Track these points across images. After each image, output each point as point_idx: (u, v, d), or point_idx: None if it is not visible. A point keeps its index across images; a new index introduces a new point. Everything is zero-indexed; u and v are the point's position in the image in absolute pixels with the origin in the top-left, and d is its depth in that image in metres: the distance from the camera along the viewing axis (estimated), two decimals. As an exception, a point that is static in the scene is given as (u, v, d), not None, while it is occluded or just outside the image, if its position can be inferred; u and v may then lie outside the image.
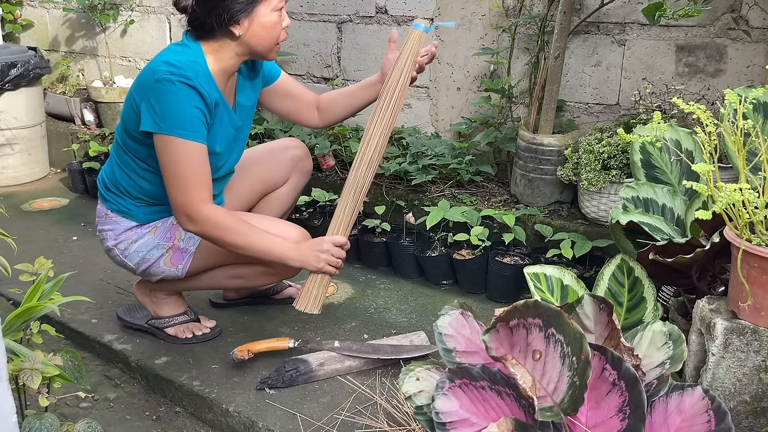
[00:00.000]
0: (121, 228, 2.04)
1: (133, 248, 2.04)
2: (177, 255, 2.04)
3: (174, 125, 1.81)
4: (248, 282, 2.16)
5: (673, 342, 1.44)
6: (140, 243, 2.04)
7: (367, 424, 1.77)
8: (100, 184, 2.09)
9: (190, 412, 1.98)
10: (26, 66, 3.69)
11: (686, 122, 2.40)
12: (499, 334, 1.34)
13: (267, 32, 1.88)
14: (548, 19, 2.78)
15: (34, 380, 1.41)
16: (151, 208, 2.03)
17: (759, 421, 1.42)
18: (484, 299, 2.53)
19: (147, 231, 2.04)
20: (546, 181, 2.72)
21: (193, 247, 2.04)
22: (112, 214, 2.04)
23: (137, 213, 2.03)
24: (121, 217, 2.03)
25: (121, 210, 2.03)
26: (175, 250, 2.04)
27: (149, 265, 2.05)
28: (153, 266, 2.05)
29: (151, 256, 2.04)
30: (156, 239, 2.03)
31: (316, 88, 3.54)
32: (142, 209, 2.02)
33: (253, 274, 2.10)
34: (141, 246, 2.04)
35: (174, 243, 2.04)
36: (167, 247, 2.04)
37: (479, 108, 3.07)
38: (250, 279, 2.13)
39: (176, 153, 1.83)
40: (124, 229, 2.04)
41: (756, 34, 2.47)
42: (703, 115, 1.44)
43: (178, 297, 2.23)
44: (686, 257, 1.59)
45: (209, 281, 2.16)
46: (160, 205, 2.02)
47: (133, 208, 2.02)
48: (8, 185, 3.78)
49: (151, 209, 2.03)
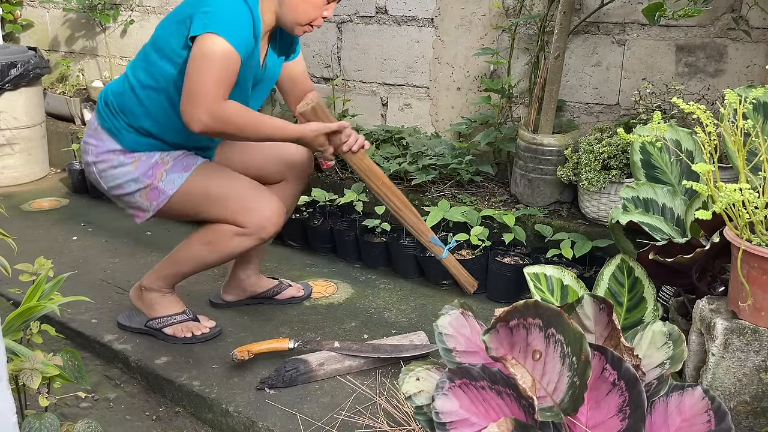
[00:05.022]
0: (104, 147, 2.04)
1: (111, 173, 2.05)
2: (154, 193, 2.05)
3: (222, 27, 1.84)
4: (220, 249, 2.09)
5: (673, 342, 1.44)
6: (119, 171, 2.04)
7: (367, 424, 1.77)
8: (101, 98, 2.10)
9: (190, 412, 1.98)
10: (26, 66, 3.69)
11: (686, 122, 2.40)
12: (499, 334, 1.34)
13: (306, 6, 1.95)
14: (548, 19, 2.78)
15: (34, 380, 1.41)
16: (140, 138, 2.03)
17: (759, 421, 1.42)
18: (484, 299, 2.53)
19: (129, 162, 2.03)
20: (546, 181, 2.72)
21: (171, 191, 2.04)
22: (101, 130, 2.05)
23: (126, 138, 2.03)
24: (108, 136, 2.04)
25: (111, 129, 2.03)
26: (152, 188, 2.04)
27: (123, 193, 2.06)
28: (127, 196, 2.07)
29: (128, 187, 2.05)
30: (136, 173, 2.03)
31: (316, 88, 3.53)
32: (131, 135, 2.03)
33: (224, 236, 2.07)
34: (119, 174, 2.04)
35: (153, 182, 2.04)
36: (146, 184, 2.04)
37: (479, 108, 3.07)
38: (221, 244, 2.08)
39: (213, 50, 1.83)
40: (107, 150, 2.04)
41: (756, 34, 2.47)
42: (703, 115, 1.44)
43: (173, 296, 2.22)
44: (686, 257, 1.59)
45: (185, 254, 2.14)
46: (150, 137, 2.03)
47: (123, 132, 2.03)
48: (8, 185, 3.78)
49: (141, 139, 2.03)
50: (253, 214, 2.04)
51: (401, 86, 3.31)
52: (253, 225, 2.04)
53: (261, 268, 2.48)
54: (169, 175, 2.04)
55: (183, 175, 2.05)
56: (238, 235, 2.07)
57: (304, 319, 2.35)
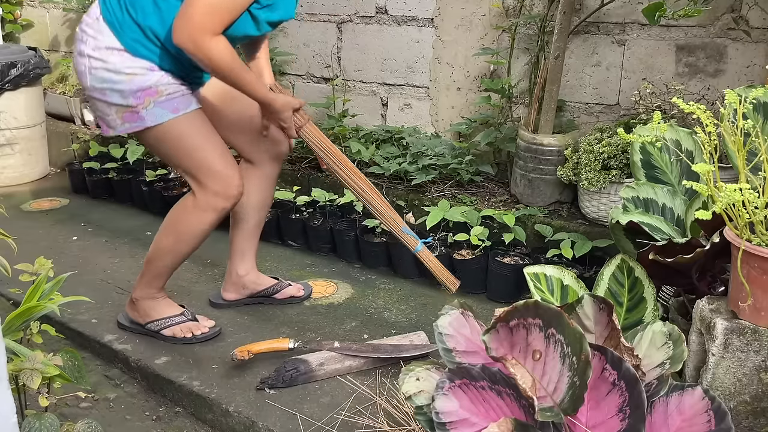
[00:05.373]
0: (103, 43, 1.95)
1: (101, 74, 1.95)
2: (132, 116, 1.98)
3: None
4: (184, 230, 2.09)
5: (673, 342, 1.44)
6: (111, 76, 1.95)
7: (367, 424, 1.77)
8: None
9: (190, 412, 1.98)
10: (26, 66, 3.69)
11: (686, 122, 2.40)
12: (499, 334, 1.34)
13: None
14: (548, 19, 2.78)
15: (34, 380, 1.41)
16: (143, 40, 1.94)
17: (759, 421, 1.42)
18: (484, 299, 2.53)
19: (125, 73, 1.94)
20: (546, 181, 2.72)
21: (150, 123, 1.97)
22: (102, 23, 1.95)
23: (127, 35, 1.93)
24: (109, 31, 1.94)
25: (114, 23, 1.94)
26: (133, 111, 1.97)
27: (101, 99, 1.98)
28: (103, 104, 1.99)
29: (110, 97, 1.96)
30: (126, 87, 1.94)
31: (316, 88, 3.54)
32: (135, 34, 1.93)
33: (182, 213, 2.08)
34: (109, 79, 1.95)
35: (137, 107, 1.96)
36: (128, 104, 1.96)
37: (479, 108, 3.07)
38: (183, 224, 2.07)
39: None
40: (106, 47, 1.94)
41: (756, 34, 2.47)
42: (703, 115, 1.44)
43: (165, 299, 2.23)
44: (686, 257, 1.59)
45: (156, 251, 2.14)
46: (152, 43, 1.94)
47: (126, 29, 1.93)
48: (8, 185, 3.78)
49: (143, 41, 1.94)
50: (216, 176, 2.02)
51: (401, 86, 3.31)
52: (212, 186, 2.02)
53: (262, 269, 2.48)
54: (156, 108, 1.96)
55: (169, 115, 1.98)
56: (195, 207, 2.05)
57: (304, 319, 2.35)
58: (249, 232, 2.35)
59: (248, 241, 2.36)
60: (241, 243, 2.36)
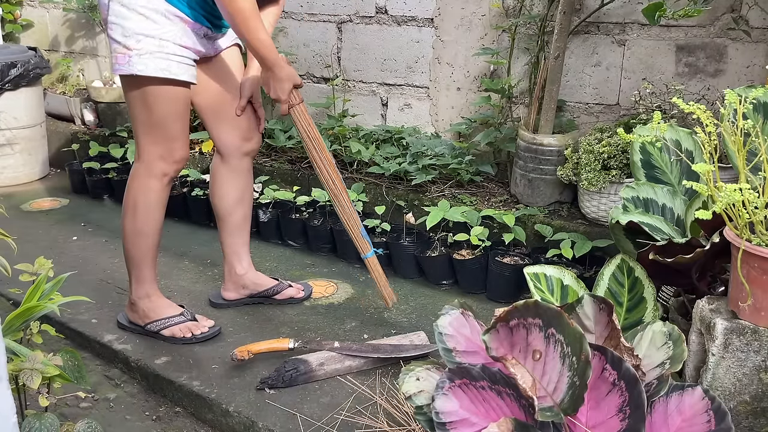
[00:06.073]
0: None
1: (118, 8, 1.94)
2: (122, 58, 1.97)
3: None
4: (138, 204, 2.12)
5: (673, 342, 1.44)
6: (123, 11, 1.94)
7: (367, 424, 1.77)
8: None
9: (190, 412, 1.98)
10: (26, 66, 3.69)
11: (686, 122, 2.40)
12: (499, 334, 1.35)
13: None
14: (548, 19, 2.78)
15: (34, 380, 1.41)
16: None
17: (759, 421, 1.42)
18: (484, 299, 2.53)
19: (138, 12, 1.93)
20: (546, 181, 2.72)
21: (132, 71, 1.95)
22: None
23: None
24: None
25: None
26: (124, 53, 1.96)
27: (110, 33, 1.97)
28: (110, 39, 1.99)
29: (114, 31, 1.96)
30: (131, 25, 1.93)
31: (316, 88, 3.54)
32: None
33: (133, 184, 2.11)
34: (120, 14, 1.94)
35: (131, 49, 1.94)
36: (124, 44, 1.95)
37: (479, 108, 3.07)
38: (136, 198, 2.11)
39: None
40: None
41: (756, 34, 2.47)
42: (703, 115, 1.44)
43: (161, 299, 2.23)
44: (686, 257, 1.59)
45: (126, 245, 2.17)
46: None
47: None
48: (8, 185, 3.78)
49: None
50: (167, 141, 2.06)
51: (401, 86, 3.31)
52: (157, 150, 2.06)
53: (262, 269, 2.49)
54: (149, 60, 1.95)
55: (157, 74, 1.96)
56: (139, 174, 2.09)
57: (304, 319, 2.35)
58: (236, 228, 2.35)
59: (238, 238, 2.36)
60: (232, 241, 2.36)
